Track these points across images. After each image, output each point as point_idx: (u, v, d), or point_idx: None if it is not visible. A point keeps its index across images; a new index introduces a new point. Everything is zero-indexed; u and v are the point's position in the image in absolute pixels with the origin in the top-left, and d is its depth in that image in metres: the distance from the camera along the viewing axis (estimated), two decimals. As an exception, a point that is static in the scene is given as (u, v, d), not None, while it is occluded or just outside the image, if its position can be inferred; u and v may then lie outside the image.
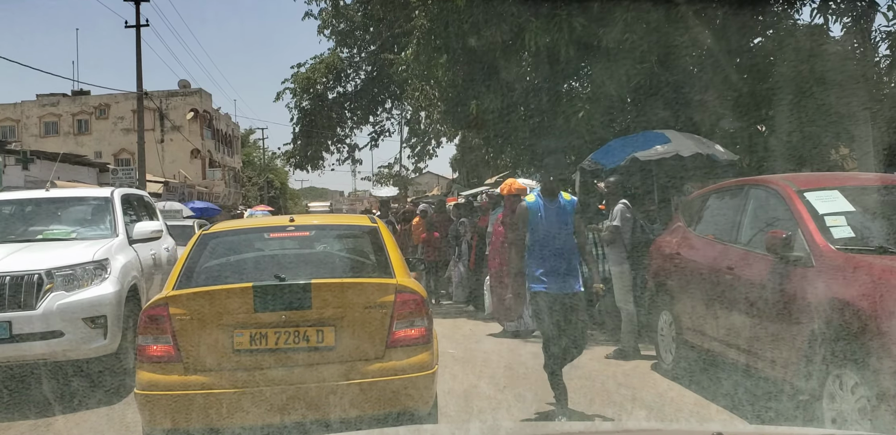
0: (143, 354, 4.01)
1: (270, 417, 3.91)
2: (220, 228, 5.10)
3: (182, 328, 3.96)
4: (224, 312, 3.99)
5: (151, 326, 3.99)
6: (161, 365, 3.96)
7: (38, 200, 7.23)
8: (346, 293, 4.13)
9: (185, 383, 3.91)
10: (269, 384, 3.91)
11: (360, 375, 3.97)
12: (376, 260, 4.66)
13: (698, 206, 6.05)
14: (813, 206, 4.44)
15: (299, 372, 3.96)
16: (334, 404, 3.91)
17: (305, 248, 5.21)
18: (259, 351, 3.97)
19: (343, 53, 27.15)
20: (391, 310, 4.05)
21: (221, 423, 3.90)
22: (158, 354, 3.97)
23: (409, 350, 4.06)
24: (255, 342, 3.97)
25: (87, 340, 5.66)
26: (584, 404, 5.16)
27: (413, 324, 4.09)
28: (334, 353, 4.01)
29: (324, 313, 4.01)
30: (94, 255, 5.99)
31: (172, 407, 3.92)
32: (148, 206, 8.37)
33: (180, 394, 3.90)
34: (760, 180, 5.37)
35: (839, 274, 3.93)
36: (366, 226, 5.05)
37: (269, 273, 4.22)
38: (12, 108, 43.09)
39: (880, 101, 8.24)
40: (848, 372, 3.68)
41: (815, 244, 4.19)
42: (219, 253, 4.77)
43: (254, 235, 5.27)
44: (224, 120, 48.72)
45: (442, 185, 41.19)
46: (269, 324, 3.97)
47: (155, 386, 3.93)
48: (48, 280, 5.62)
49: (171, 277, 4.42)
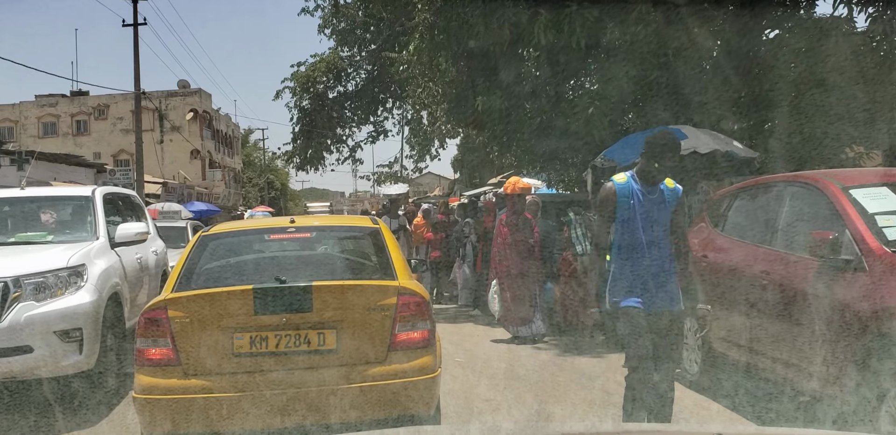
0: (141, 358, 3.93)
1: (271, 420, 3.84)
2: (220, 229, 5.00)
3: (181, 331, 3.89)
4: (224, 315, 3.92)
5: (150, 328, 3.91)
6: (160, 368, 3.88)
7: (12, 200, 6.68)
8: (347, 295, 4.06)
9: (185, 387, 3.84)
10: (270, 388, 3.84)
11: (361, 379, 3.91)
12: (378, 261, 4.59)
13: (724, 206, 5.66)
14: (861, 205, 4.09)
15: (300, 375, 3.89)
16: (336, 408, 3.86)
17: (306, 249, 5.13)
18: (259, 354, 3.91)
19: (343, 52, 27.01)
20: (393, 312, 3.98)
21: (221, 426, 3.83)
22: (157, 358, 3.89)
23: (412, 353, 3.99)
24: (256, 345, 3.91)
25: (60, 356, 5.14)
26: (583, 406, 5.10)
27: (415, 326, 4.02)
28: (336, 356, 3.95)
29: (325, 316, 3.95)
30: (70, 260, 5.48)
31: (171, 411, 3.84)
32: (136, 206, 7.88)
33: (179, 398, 3.83)
34: (797, 177, 4.98)
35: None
36: (367, 227, 4.98)
37: (270, 275, 4.15)
38: (10, 108, 42.70)
39: (877, 102, 7.96)
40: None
41: (866, 246, 3.85)
42: (219, 255, 4.69)
43: (254, 237, 5.16)
44: (224, 120, 48.41)
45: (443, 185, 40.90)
46: (269, 326, 3.91)
47: (154, 389, 3.85)
48: (15, 288, 5.10)
49: (169, 278, 4.35)
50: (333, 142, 28.09)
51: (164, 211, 22.98)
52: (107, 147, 40.84)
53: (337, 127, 28.19)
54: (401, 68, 19.64)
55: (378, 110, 28.81)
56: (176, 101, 42.09)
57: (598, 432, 2.10)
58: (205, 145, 43.39)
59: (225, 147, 48.45)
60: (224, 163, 47.00)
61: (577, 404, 5.08)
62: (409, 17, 16.11)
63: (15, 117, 42.60)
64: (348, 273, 4.75)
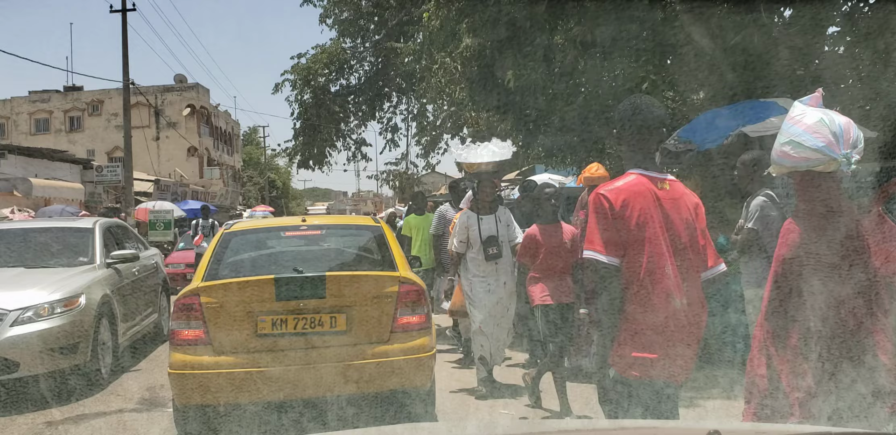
0: (176, 338, 4.43)
1: (289, 392, 4.42)
2: (240, 227, 5.46)
3: (211, 314, 4.40)
4: (249, 301, 4.44)
5: (184, 312, 4.43)
6: (192, 347, 4.38)
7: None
8: (355, 284, 4.61)
9: (215, 363, 4.35)
10: (289, 364, 4.38)
11: (368, 356, 4.44)
12: (381, 255, 5.10)
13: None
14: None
15: (315, 353, 4.43)
16: (346, 382, 4.41)
17: (318, 245, 5.62)
18: (280, 335, 4.44)
19: (346, 44, 25.75)
20: (395, 299, 4.54)
21: (245, 398, 4.39)
22: (190, 338, 4.39)
23: (411, 334, 4.54)
24: (277, 327, 4.44)
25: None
26: (580, 403, 5.09)
27: (414, 311, 4.57)
28: (346, 336, 4.47)
29: (336, 302, 4.48)
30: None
31: (202, 384, 4.36)
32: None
33: (210, 373, 4.34)
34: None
35: None
36: (371, 225, 5.59)
37: (288, 267, 4.85)
38: (1, 104, 41.17)
39: (873, 99, 7.37)
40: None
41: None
42: (241, 249, 5.18)
43: (271, 234, 5.79)
44: (223, 117, 47.00)
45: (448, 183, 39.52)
46: (288, 311, 4.45)
47: (187, 365, 4.37)
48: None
49: (198, 270, 4.85)
50: (337, 138, 26.93)
51: (154, 210, 21.74)
52: (101, 144, 39.32)
53: (341, 123, 27.05)
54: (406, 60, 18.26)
55: (384, 105, 27.65)
56: (172, 97, 40.60)
57: (595, 429, 2.10)
58: (202, 142, 41.91)
59: (224, 144, 47.03)
60: (223, 161, 45.57)
61: (573, 401, 5.05)
62: (417, 3, 14.69)
63: (6, 113, 41.04)
64: (356, 265, 5.36)
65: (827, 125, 3.06)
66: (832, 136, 3.05)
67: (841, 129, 3.06)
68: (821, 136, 3.05)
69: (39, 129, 40.71)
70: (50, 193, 18.98)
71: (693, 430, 2.00)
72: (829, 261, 3.11)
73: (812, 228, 3.17)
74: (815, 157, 3.07)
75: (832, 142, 3.04)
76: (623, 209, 2.62)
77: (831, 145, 3.04)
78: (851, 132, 3.08)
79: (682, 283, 2.65)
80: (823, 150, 3.04)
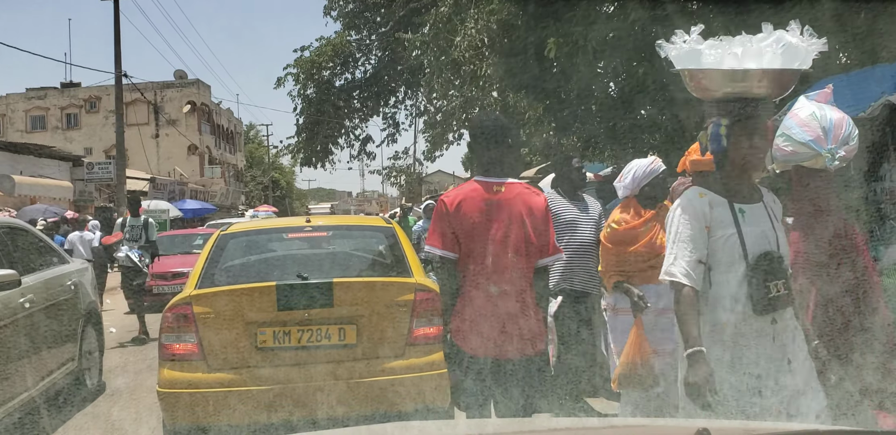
0: (166, 352, 4.08)
1: (293, 413, 4.00)
2: (239, 228, 5.10)
3: (205, 326, 4.05)
4: (248, 310, 4.09)
5: (175, 324, 4.07)
6: (184, 363, 4.03)
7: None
8: (366, 292, 4.25)
9: (209, 381, 3.99)
10: (292, 382, 4.02)
11: (381, 373, 4.06)
12: (393, 259, 4.72)
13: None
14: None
15: (322, 369, 4.06)
16: (355, 401, 4.03)
17: (324, 247, 5.32)
18: (282, 348, 4.08)
19: (351, 37, 24.74)
20: (411, 308, 4.15)
21: (243, 420, 3.98)
22: (182, 352, 4.04)
23: (428, 348, 4.12)
24: (279, 340, 4.09)
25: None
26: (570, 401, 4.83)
27: (431, 322, 4.15)
28: (356, 350, 4.13)
29: (345, 312, 4.14)
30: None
31: (195, 404, 3.99)
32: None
33: (204, 391, 3.98)
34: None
35: None
36: (382, 226, 5.19)
37: (291, 272, 4.39)
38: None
39: None
40: None
41: None
42: (239, 252, 4.85)
43: (273, 235, 5.37)
44: (225, 115, 45.89)
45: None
46: (291, 322, 4.10)
47: (178, 384, 4.00)
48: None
49: (191, 276, 4.43)
50: (341, 134, 25.98)
51: (149, 209, 21.00)
52: (98, 142, 38.16)
53: (345, 118, 26.09)
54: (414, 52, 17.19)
55: (389, 100, 26.69)
56: (172, 93, 39.45)
57: (585, 428, 2.10)
58: (203, 140, 40.76)
59: (226, 143, 45.92)
60: (224, 159, 44.45)
61: (563, 398, 4.78)
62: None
63: (1, 110, 39.94)
64: (366, 270, 4.95)
65: (817, 119, 3.04)
66: (821, 130, 3.02)
67: (831, 124, 3.03)
68: (810, 130, 3.03)
69: (35, 127, 39.57)
70: (36, 192, 17.89)
71: (682, 428, 1.98)
72: (817, 259, 3.14)
73: (800, 227, 3.19)
74: (802, 151, 3.05)
75: (820, 136, 3.00)
76: (457, 211, 3.07)
77: (819, 140, 3.01)
78: (843, 128, 3.04)
79: (506, 271, 3.05)
80: (810, 143, 3.02)
